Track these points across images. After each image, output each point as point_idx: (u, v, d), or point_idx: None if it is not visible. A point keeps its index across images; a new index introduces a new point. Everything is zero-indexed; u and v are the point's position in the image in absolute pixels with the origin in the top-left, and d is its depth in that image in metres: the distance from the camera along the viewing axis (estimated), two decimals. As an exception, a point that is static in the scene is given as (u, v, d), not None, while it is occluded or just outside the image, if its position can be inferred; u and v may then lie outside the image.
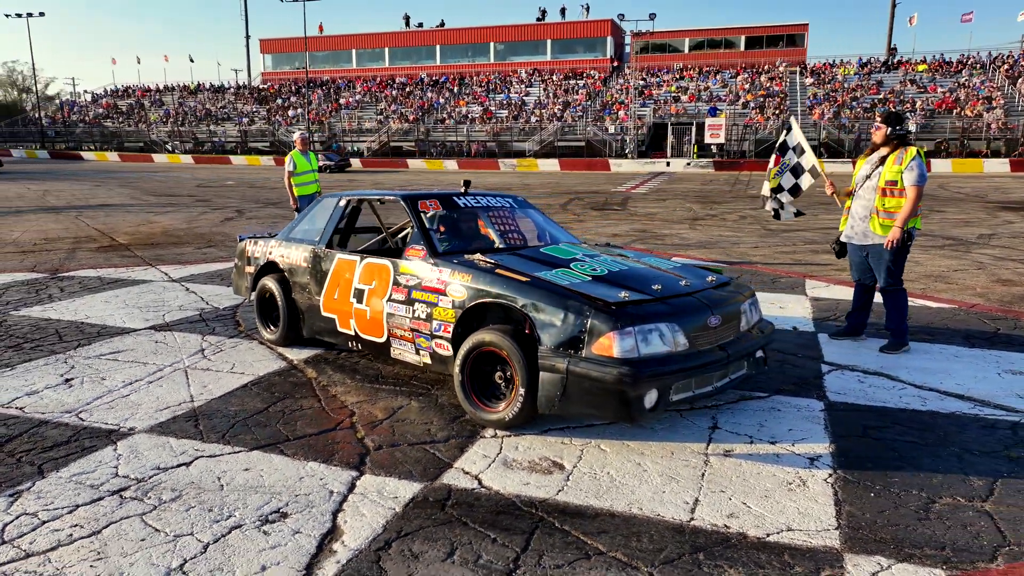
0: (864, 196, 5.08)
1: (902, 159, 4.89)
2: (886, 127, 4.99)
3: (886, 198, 4.94)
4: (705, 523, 2.77)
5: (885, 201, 4.95)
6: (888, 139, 5.00)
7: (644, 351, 3.27)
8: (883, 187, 4.94)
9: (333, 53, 62.40)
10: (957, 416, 3.88)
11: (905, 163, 4.86)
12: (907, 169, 4.84)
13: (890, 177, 4.91)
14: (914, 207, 4.87)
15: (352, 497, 2.97)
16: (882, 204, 4.96)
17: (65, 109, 65.22)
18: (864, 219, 5.07)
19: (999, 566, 2.48)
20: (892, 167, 4.90)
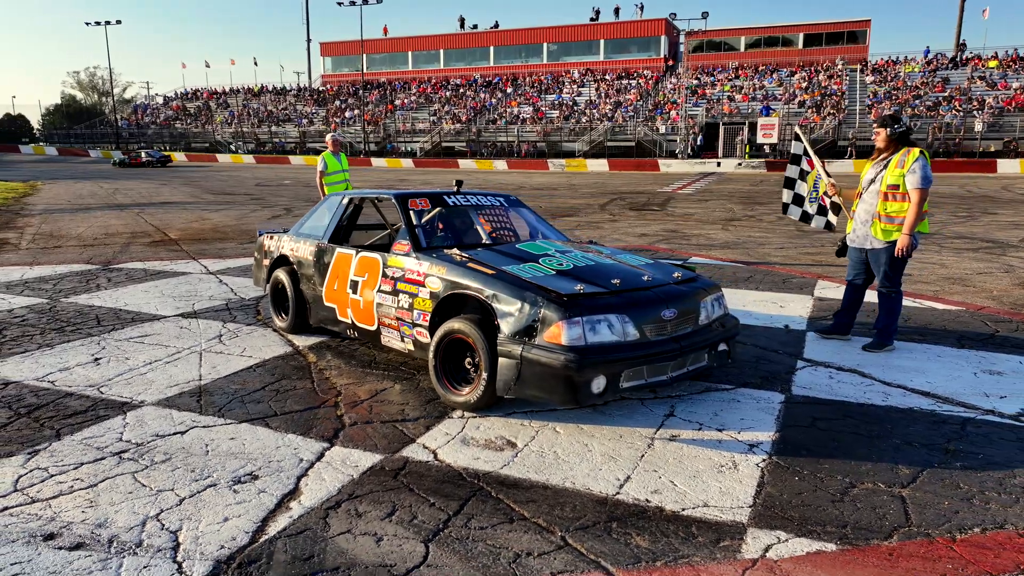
0: (867, 200, 5.06)
1: (904, 162, 4.86)
2: (885, 130, 4.98)
3: (888, 202, 4.91)
4: (629, 497, 3.00)
5: (887, 205, 4.92)
6: (890, 141, 4.99)
7: (592, 340, 3.52)
8: (885, 191, 4.91)
9: (390, 55, 63.74)
10: (912, 411, 3.98)
11: (907, 166, 4.83)
12: (909, 172, 4.81)
13: (892, 181, 4.88)
14: (919, 211, 4.83)
15: (318, 464, 3.32)
16: (884, 208, 4.93)
17: (139, 112, 68.50)
18: (865, 223, 5.06)
19: (891, 543, 2.65)
20: (894, 170, 4.88)
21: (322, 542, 2.67)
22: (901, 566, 2.51)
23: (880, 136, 5.04)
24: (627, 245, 11.02)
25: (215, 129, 59.68)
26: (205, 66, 76.70)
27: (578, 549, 2.61)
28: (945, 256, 9.76)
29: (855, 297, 5.38)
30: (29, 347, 5.24)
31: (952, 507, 2.92)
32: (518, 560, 2.54)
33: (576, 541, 2.67)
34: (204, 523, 2.79)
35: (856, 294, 5.36)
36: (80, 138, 66.24)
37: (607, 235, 12.37)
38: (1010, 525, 2.78)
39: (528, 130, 48.46)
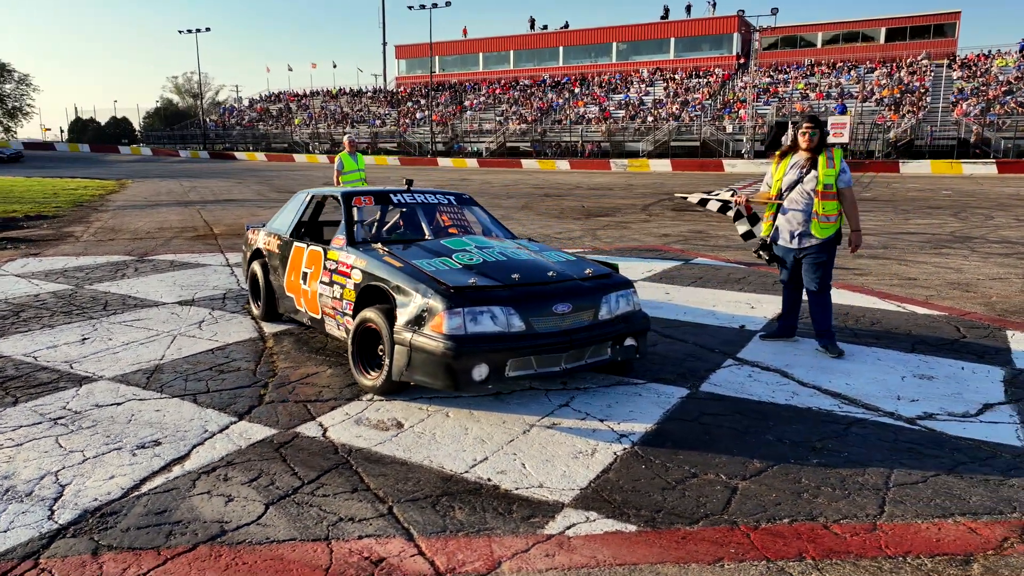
0: (798, 200, 5.07)
1: (832, 162, 4.99)
2: (820, 131, 5.06)
3: (825, 201, 4.99)
4: (473, 476, 3.21)
5: (825, 204, 4.99)
6: (818, 144, 5.06)
7: (472, 329, 3.74)
8: (821, 190, 4.98)
9: (462, 57, 64.80)
10: (808, 411, 4.01)
11: (837, 166, 5.00)
12: (840, 172, 5.00)
13: (826, 180, 4.97)
14: (855, 207, 5.06)
15: (218, 436, 3.67)
16: (822, 208, 4.99)
17: (225, 114, 72.19)
18: (803, 223, 5.06)
19: (691, 528, 2.77)
20: (826, 170, 4.97)
21: (180, 500, 3.01)
22: (685, 548, 2.63)
23: (817, 136, 5.05)
24: (640, 245, 11.05)
25: (293, 130, 62.23)
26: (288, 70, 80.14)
27: (397, 518, 2.85)
28: (971, 261, 9.37)
29: (795, 298, 5.37)
30: (34, 327, 5.87)
31: (777, 499, 3.00)
32: (338, 524, 2.81)
33: (400, 511, 2.91)
34: (92, 479, 3.18)
35: (795, 295, 5.36)
36: (173, 139, 70.35)
37: (629, 235, 12.40)
38: (823, 518, 2.85)
39: (593, 130, 48.35)
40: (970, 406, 4.08)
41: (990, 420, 3.88)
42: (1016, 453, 3.45)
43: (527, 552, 2.61)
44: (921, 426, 3.79)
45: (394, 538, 2.71)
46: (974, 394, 4.28)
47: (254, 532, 2.76)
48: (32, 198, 20.42)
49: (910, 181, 29.13)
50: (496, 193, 23.35)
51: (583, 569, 2.51)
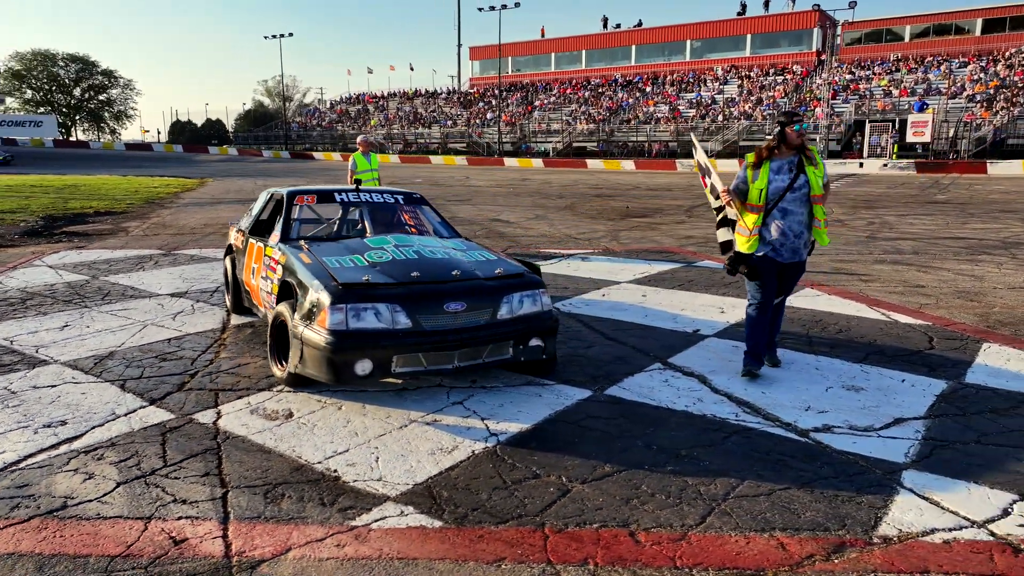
0: (793, 209, 4.40)
1: (815, 160, 4.47)
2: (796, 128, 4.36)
3: (819, 206, 4.48)
4: (322, 467, 3.32)
5: (819, 209, 4.49)
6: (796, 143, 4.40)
7: (354, 325, 3.84)
8: (815, 195, 4.42)
9: (534, 57, 64.97)
10: (701, 418, 3.91)
11: (821, 165, 4.50)
12: (823, 171, 4.51)
13: (816, 183, 4.42)
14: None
15: (121, 419, 3.91)
16: (820, 213, 4.50)
17: (308, 115, 75.03)
18: (801, 235, 4.46)
19: (497, 527, 2.77)
20: (814, 171, 4.42)
21: (46, 475, 3.24)
22: (474, 546, 2.65)
23: (790, 134, 4.35)
24: (654, 247, 10.87)
25: (368, 131, 64.04)
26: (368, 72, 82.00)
27: (226, 502, 2.99)
28: (1003, 269, 8.76)
29: (769, 320, 4.67)
30: (29, 313, 6.36)
31: (602, 504, 2.96)
32: (169, 504, 2.97)
33: (233, 496, 3.05)
34: (-14, 451, 3.47)
35: (768, 319, 4.66)
36: (258, 140, 73.68)
37: (652, 236, 12.20)
38: (636, 525, 2.80)
39: (661, 130, 47.53)
40: (879, 420, 3.87)
41: (890, 435, 3.67)
42: (890, 470, 3.27)
43: (321, 541, 2.69)
44: (810, 438, 3.63)
45: (209, 521, 2.84)
46: (893, 408, 4.05)
47: (91, 508, 2.95)
48: (113, 195, 21.84)
49: (996, 183, 27.25)
50: (550, 193, 23.36)
51: (362, 560, 2.57)
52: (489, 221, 14.87)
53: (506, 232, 12.87)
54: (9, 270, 8.67)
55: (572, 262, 9.24)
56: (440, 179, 33.18)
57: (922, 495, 3.04)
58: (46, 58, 79.92)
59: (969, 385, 4.47)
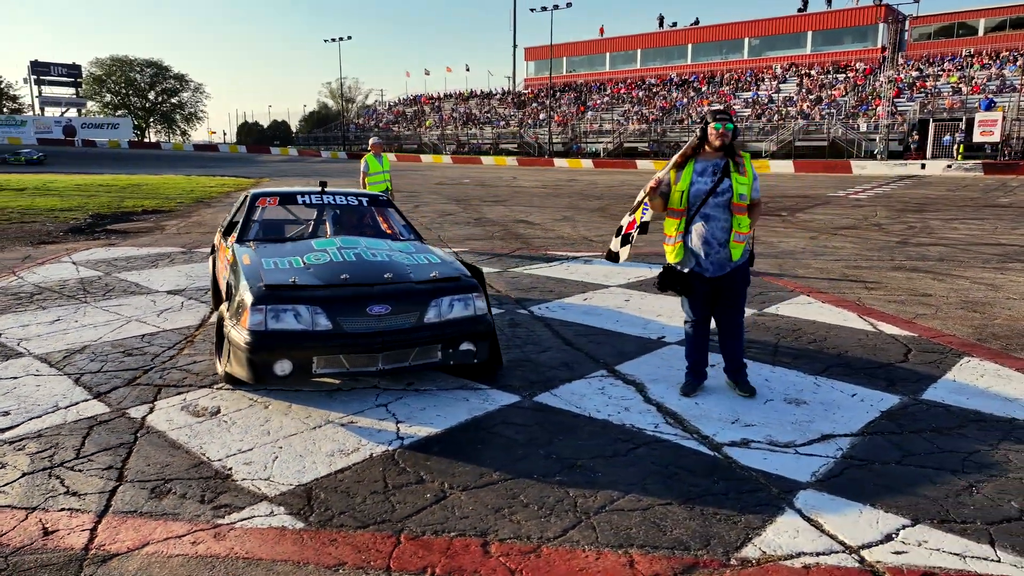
0: (716, 216, 4.13)
1: (744, 168, 4.13)
2: (734, 127, 4.11)
3: (740, 216, 4.13)
4: (219, 465, 3.38)
5: (740, 220, 4.13)
6: (730, 143, 4.12)
7: (273, 326, 3.91)
8: (737, 203, 4.11)
9: (588, 57, 64.60)
10: (618, 427, 3.83)
11: (750, 173, 4.16)
12: (753, 179, 4.16)
13: (741, 190, 4.10)
14: (758, 219, 4.33)
15: (58, 412, 4.07)
16: (738, 225, 4.14)
17: (366, 117, 76.57)
18: (724, 244, 4.16)
19: (355, 531, 2.78)
20: (740, 178, 4.10)
21: (-37, 462, 3.41)
22: (323, 549, 2.67)
23: (731, 134, 4.08)
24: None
25: (423, 132, 64.88)
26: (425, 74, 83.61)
27: (112, 495, 3.09)
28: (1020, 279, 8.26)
29: (705, 337, 4.44)
30: (30, 307, 6.69)
31: (470, 512, 2.94)
32: (59, 496, 3.08)
33: (123, 490, 3.14)
34: (-78, 439, 3.68)
35: (706, 335, 4.44)
36: (318, 141, 75.61)
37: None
38: (493, 535, 2.77)
39: (715, 129, 46.56)
40: (805, 436, 3.71)
41: (808, 452, 3.52)
42: (788, 489, 3.13)
43: (180, 538, 2.76)
44: (720, 453, 3.51)
45: (87, 514, 2.94)
46: (827, 424, 3.87)
47: (-13, 494, 3.09)
48: (167, 194, 22.73)
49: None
50: (590, 194, 23.23)
51: (208, 559, 2.62)
52: (514, 222, 14.88)
53: (524, 233, 12.85)
54: (36, 265, 9.14)
55: (573, 265, 9.16)
56: (488, 179, 33.32)
57: (808, 516, 2.90)
58: (124, 63, 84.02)
59: (923, 401, 4.24)
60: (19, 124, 73.75)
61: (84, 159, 50.11)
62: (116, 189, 23.85)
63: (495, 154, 54.83)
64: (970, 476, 3.27)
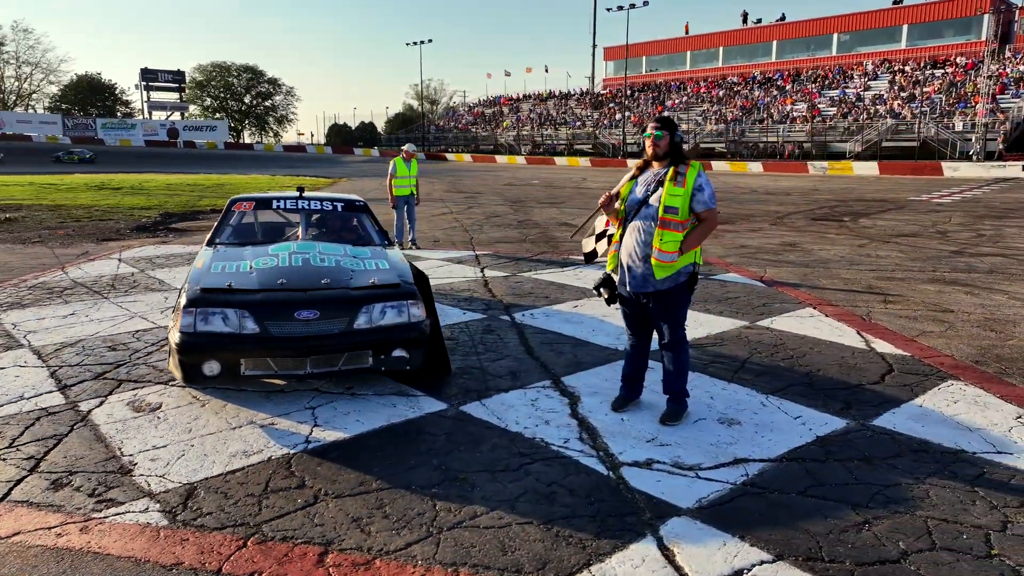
0: (641, 228, 3.92)
1: (683, 180, 3.85)
2: (669, 135, 3.91)
3: (665, 231, 3.84)
4: (128, 460, 3.55)
5: (663, 235, 3.83)
6: (668, 152, 3.95)
7: (202, 328, 4.06)
8: (663, 216, 3.86)
9: (668, 56, 63.43)
10: (529, 441, 3.77)
11: (689, 184, 3.83)
12: (696, 189, 3.83)
13: (669, 202, 3.82)
14: (706, 236, 3.95)
15: (19, 402, 4.34)
16: (659, 240, 3.85)
17: (446, 118, 77.88)
18: (644, 259, 3.91)
19: (209, 532, 2.87)
20: (672, 189, 3.83)
21: (-87, 446, 3.72)
22: (170, 548, 2.76)
23: (665, 140, 3.89)
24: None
25: (500, 133, 65.39)
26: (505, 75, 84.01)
27: (17, 484, 3.29)
28: (1077, 293, 7.55)
29: (640, 352, 4.24)
30: (54, 301, 7.19)
31: (326, 520, 2.97)
32: (-27, 481, 3.32)
33: (30, 479, 3.35)
34: None
35: (641, 351, 4.24)
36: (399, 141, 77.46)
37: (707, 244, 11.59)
38: (336, 545, 2.79)
39: (797, 130, 44.70)
40: (717, 459, 3.54)
41: (709, 477, 3.36)
42: (662, 515, 3.00)
43: (49, 529, 2.91)
44: (615, 473, 3.40)
45: (-14, 501, 3.15)
46: (749, 447, 3.68)
47: (-85, 479, 3.36)
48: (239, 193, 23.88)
49: None
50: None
51: (62, 551, 2.76)
52: (557, 225, 14.80)
53: (560, 237, 12.76)
54: (86, 262, 9.81)
55: (584, 270, 9.03)
56: (556, 181, 33.26)
57: (665, 545, 2.77)
58: (223, 69, 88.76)
59: (870, 427, 3.96)
60: (130, 127, 79.24)
61: (183, 159, 53.31)
62: (200, 188, 25.17)
63: (569, 155, 54.64)
64: (871, 511, 3.04)
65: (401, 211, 11.10)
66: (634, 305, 4.10)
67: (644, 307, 4.05)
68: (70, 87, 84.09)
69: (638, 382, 4.28)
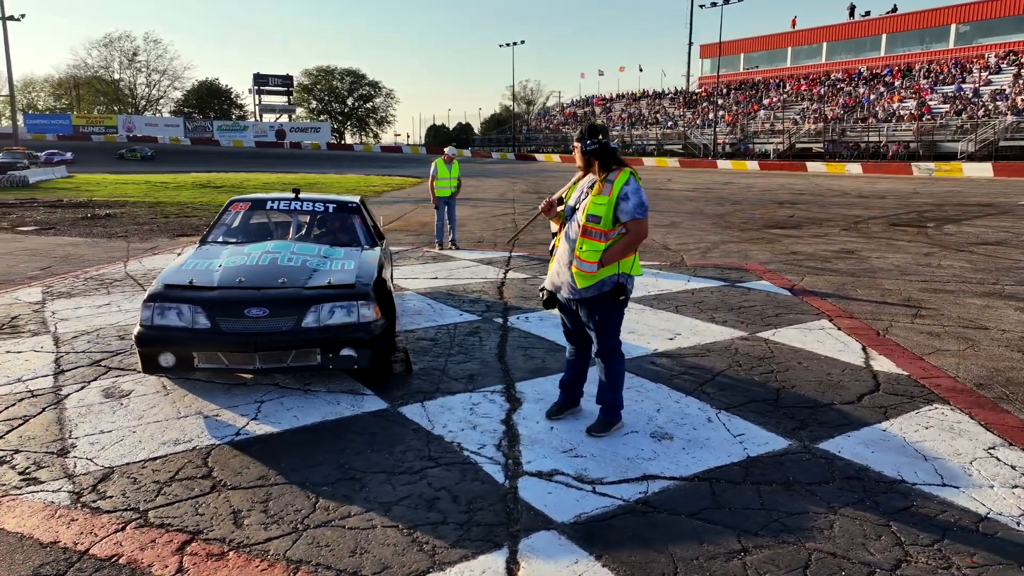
0: (570, 237, 3.85)
1: (610, 187, 3.71)
2: (599, 146, 3.76)
3: (586, 239, 3.73)
4: (71, 442, 3.80)
5: (583, 244, 3.73)
6: (586, 160, 3.83)
7: (157, 322, 4.30)
8: (584, 224, 3.75)
9: (768, 53, 61.05)
10: (447, 445, 3.78)
11: (615, 191, 3.69)
12: (620, 198, 3.69)
13: (592, 210, 3.71)
14: (631, 247, 3.75)
15: (12, 383, 4.74)
16: (580, 247, 3.75)
17: (538, 119, 78.17)
18: (568, 266, 3.83)
19: (92, 516, 3.05)
20: (596, 197, 3.71)
21: (-95, 420, 4.15)
22: (46, 524, 2.96)
23: (596, 150, 3.78)
24: (723, 263, 9.94)
25: (591, 133, 64.99)
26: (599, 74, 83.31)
27: (-33, 458, 3.62)
28: None
29: (578, 359, 4.18)
30: (97, 293, 7.76)
31: (206, 511, 3.09)
32: (-67, 454, 3.67)
33: (-20, 455, 3.67)
34: (-100, 398, 4.51)
35: (578, 357, 4.17)
36: (492, 142, 78.46)
37: (748, 251, 11.15)
38: (206, 533, 2.89)
39: (904, 128, 41.92)
40: (624, 474, 3.42)
41: (604, 492, 3.25)
42: (533, 527, 2.93)
43: (-35, 501, 3.18)
44: (511, 482, 3.34)
45: (-67, 471, 3.48)
46: (665, 464, 3.54)
47: None
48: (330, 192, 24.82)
49: None
50: (731, 199, 22.19)
51: (-33, 522, 3.01)
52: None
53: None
54: (149, 256, 10.55)
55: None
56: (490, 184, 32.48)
57: (516, 560, 2.71)
58: (328, 73, 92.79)
59: (812, 450, 3.71)
60: (242, 129, 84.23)
61: (288, 159, 56.21)
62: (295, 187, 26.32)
63: (659, 155, 53.61)
64: (757, 539, 2.85)
65: (442, 211, 11.28)
66: (567, 311, 4.03)
67: (576, 314, 3.96)
68: (192, 92, 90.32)
69: (574, 389, 4.19)
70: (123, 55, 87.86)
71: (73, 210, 17.73)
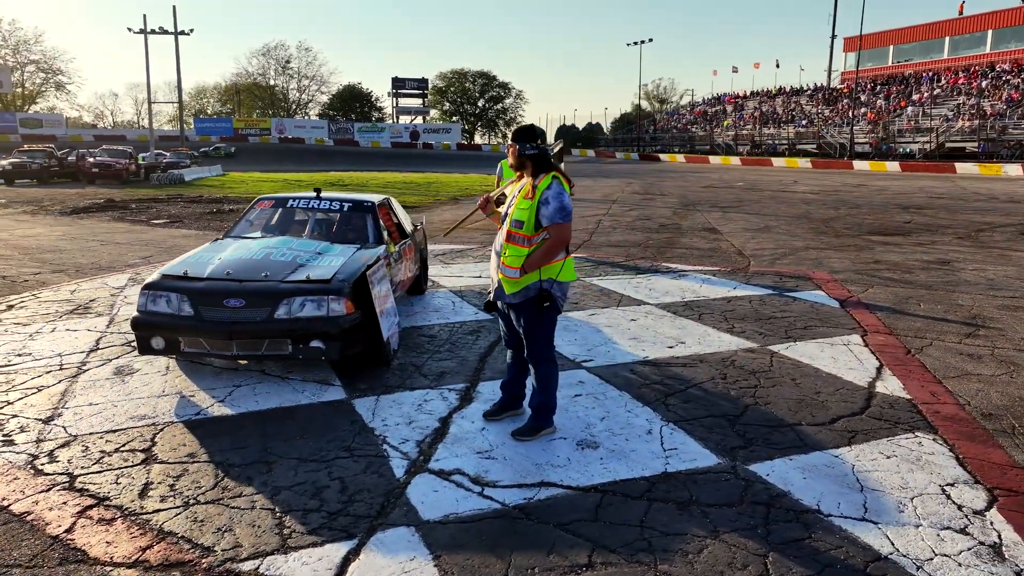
0: (500, 241, 3.83)
1: (534, 191, 3.67)
2: (515, 147, 3.74)
3: (510, 244, 3.71)
4: (60, 410, 4.28)
5: (507, 249, 3.71)
6: (521, 164, 3.78)
7: (149, 308, 4.73)
8: (509, 229, 3.73)
9: (922, 44, 56.21)
10: (377, 439, 3.89)
11: (537, 196, 3.65)
12: (541, 202, 3.63)
13: (516, 215, 3.70)
14: (552, 252, 3.66)
15: (52, 357, 5.39)
16: (505, 252, 3.73)
17: (665, 118, 76.39)
18: (497, 269, 3.85)
19: (52, 476, 3.44)
20: (520, 201, 3.70)
21: (-50, 384, 4.84)
22: (5, 489, 3.37)
23: (512, 152, 3.78)
24: (785, 271, 9.34)
25: (719, 133, 62.63)
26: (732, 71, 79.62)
27: (-27, 420, 4.17)
28: None
29: (515, 362, 4.09)
30: (172, 281, 8.56)
31: (129, 482, 3.38)
32: (-50, 414, 4.27)
33: (-16, 417, 4.22)
34: (-41, 365, 5.26)
35: (517, 360, 4.07)
36: (618, 142, 77.59)
37: (834, 258, 10.41)
38: (112, 500, 3.19)
39: (1078, 125, 37.21)
40: (521, 479, 3.40)
41: (489, 495, 3.24)
42: (375, 527, 2.98)
43: (-51, 456, 3.68)
44: (404, 479, 3.41)
45: (-59, 428, 4.05)
46: (573, 473, 3.46)
47: (-76, 407, 4.40)
48: (441, 191, 25.48)
49: None
50: (847, 202, 20.74)
51: (-63, 473, 3.49)
52: (695, 230, 14.08)
53: (681, 242, 12.19)
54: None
55: (654, 278, 8.62)
56: (761, 183, 31.16)
57: (356, 552, 2.78)
58: (461, 75, 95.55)
59: (739, 471, 3.50)
60: (379, 131, 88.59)
61: (418, 159, 58.68)
62: (413, 186, 27.41)
63: (789, 156, 50.79)
64: (611, 555, 2.75)
65: (508, 212, 11.39)
66: (503, 316, 4.02)
67: (510, 318, 3.95)
68: (336, 96, 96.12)
69: (512, 390, 4.17)
70: (278, 63, 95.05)
71: (206, 205, 19.48)
